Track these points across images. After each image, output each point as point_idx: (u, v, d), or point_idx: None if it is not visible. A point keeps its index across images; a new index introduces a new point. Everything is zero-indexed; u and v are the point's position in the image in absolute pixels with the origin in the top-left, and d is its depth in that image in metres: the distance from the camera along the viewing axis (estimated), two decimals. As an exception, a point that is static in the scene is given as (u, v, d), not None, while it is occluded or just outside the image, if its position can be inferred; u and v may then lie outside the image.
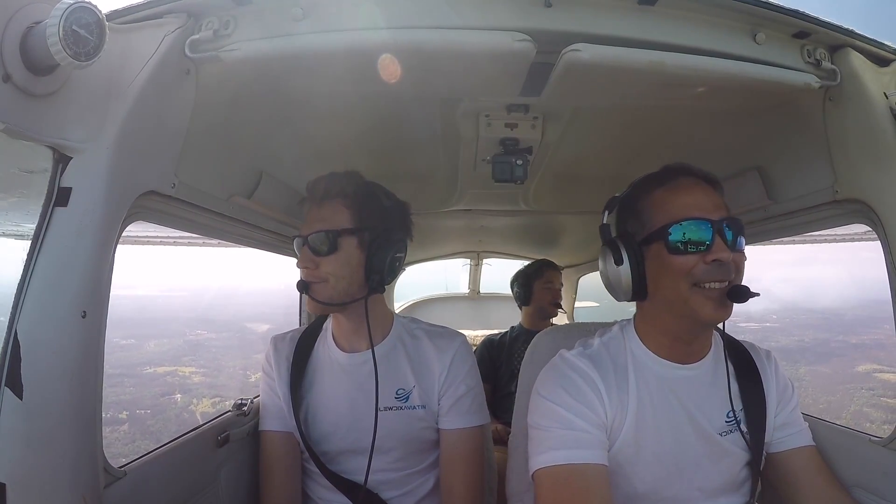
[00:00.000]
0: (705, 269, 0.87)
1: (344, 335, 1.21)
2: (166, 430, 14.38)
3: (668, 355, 0.97)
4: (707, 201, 0.91)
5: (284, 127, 1.27)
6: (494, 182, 1.40)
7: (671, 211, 0.91)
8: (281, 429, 1.20)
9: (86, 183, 0.76)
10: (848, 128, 0.97)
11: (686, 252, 0.88)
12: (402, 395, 1.18)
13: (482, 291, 4.22)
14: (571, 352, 1.00)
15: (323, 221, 1.11)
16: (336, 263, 1.10)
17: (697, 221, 0.88)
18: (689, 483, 0.95)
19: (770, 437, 1.01)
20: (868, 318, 20.07)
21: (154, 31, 0.83)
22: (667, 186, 0.94)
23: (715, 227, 0.88)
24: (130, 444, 12.95)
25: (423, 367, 1.20)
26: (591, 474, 0.88)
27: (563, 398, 0.93)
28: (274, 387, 1.21)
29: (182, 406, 16.04)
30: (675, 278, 0.89)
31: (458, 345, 1.23)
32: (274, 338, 1.28)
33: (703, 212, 0.89)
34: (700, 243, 0.88)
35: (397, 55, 0.88)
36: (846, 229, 1.27)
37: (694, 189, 0.93)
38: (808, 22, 0.90)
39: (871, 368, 16.68)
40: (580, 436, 0.90)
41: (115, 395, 14.99)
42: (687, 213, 0.89)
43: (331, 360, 1.21)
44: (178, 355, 18.81)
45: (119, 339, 17.00)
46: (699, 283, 0.88)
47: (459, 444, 1.19)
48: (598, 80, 0.94)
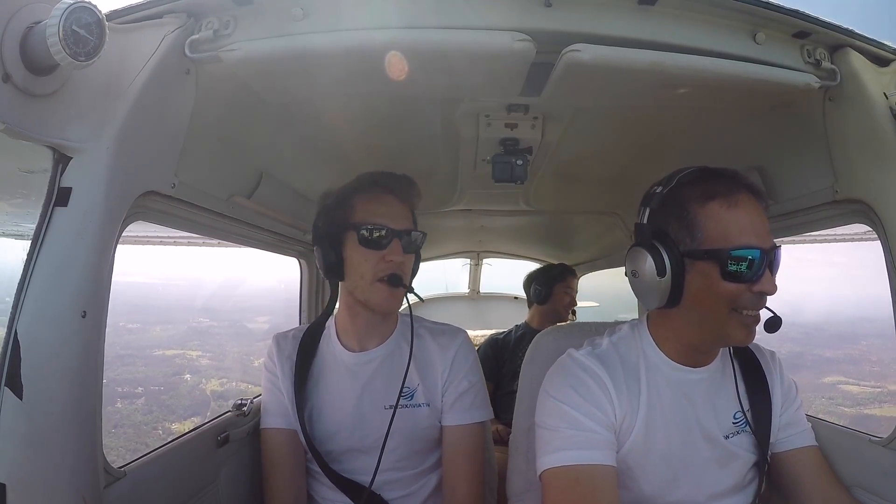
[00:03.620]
0: (750, 298, 0.85)
1: (355, 334, 1.21)
2: (180, 404, 14.97)
3: (681, 360, 0.96)
4: (761, 225, 0.87)
5: (284, 127, 1.27)
6: (494, 182, 1.40)
7: (729, 232, 0.85)
8: (284, 426, 1.19)
9: (86, 183, 0.76)
10: (848, 128, 0.97)
11: (737, 280, 0.84)
12: (407, 394, 1.18)
13: (482, 291, 4.22)
14: (580, 351, 0.99)
15: (408, 220, 1.17)
16: (410, 263, 1.17)
17: (753, 251, 0.84)
18: (696, 487, 0.95)
19: (774, 436, 1.01)
20: (849, 334, 21.09)
21: (154, 31, 0.83)
22: (724, 199, 0.87)
23: (766, 258, 0.85)
24: (148, 415, 13.73)
25: (426, 365, 1.21)
26: (599, 475, 0.87)
27: (572, 398, 0.92)
28: (277, 384, 1.21)
29: (192, 384, 16.64)
30: (719, 302, 0.86)
31: (460, 341, 1.25)
32: (276, 336, 1.28)
33: (759, 239, 0.85)
34: (752, 274, 0.84)
35: (397, 55, 0.88)
36: (846, 229, 1.27)
37: (751, 209, 0.87)
38: (808, 22, 0.90)
39: (835, 380, 17.69)
40: (589, 436, 0.89)
41: (129, 374, 15.70)
42: (745, 240, 0.84)
43: (335, 360, 1.21)
44: (184, 340, 19.31)
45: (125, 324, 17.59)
46: (738, 309, 0.86)
47: (462, 439, 1.19)
48: (597, 80, 0.94)
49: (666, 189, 0.92)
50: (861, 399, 16.91)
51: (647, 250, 0.89)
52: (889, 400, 16.78)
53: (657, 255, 0.88)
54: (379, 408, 1.17)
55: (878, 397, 16.99)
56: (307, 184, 1.58)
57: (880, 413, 15.90)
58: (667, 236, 0.89)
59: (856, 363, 18.88)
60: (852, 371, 18.28)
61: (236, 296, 23.98)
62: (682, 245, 0.88)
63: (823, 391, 17.16)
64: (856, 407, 16.16)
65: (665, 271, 0.87)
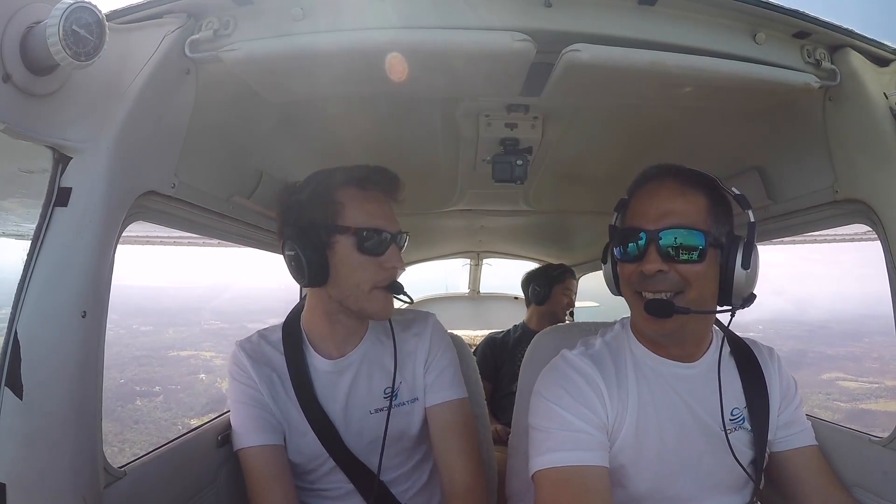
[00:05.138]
0: (640, 279, 0.90)
1: (333, 341, 1.13)
2: (197, 402, 15.46)
3: (664, 353, 0.97)
4: (659, 206, 0.90)
5: (284, 127, 1.27)
6: (494, 182, 1.40)
7: (629, 217, 0.94)
8: (269, 442, 1.07)
9: (86, 183, 0.76)
10: (848, 128, 0.97)
11: (625, 261, 0.93)
12: (390, 394, 1.15)
13: (482, 291, 4.22)
14: (573, 351, 1.00)
15: (396, 219, 1.09)
16: None
17: (635, 230, 0.90)
18: (692, 480, 0.95)
19: (773, 435, 1.01)
20: (853, 332, 21.50)
21: (154, 31, 0.83)
22: (641, 189, 0.96)
23: (649, 236, 0.88)
24: (168, 412, 14.33)
25: (404, 359, 1.17)
26: (590, 476, 0.88)
27: (563, 399, 0.93)
28: (255, 396, 1.08)
29: (209, 383, 17.20)
30: (624, 285, 0.95)
31: (431, 323, 1.24)
32: (240, 343, 1.14)
33: (645, 220, 0.90)
34: (633, 253, 0.90)
35: (397, 55, 0.88)
36: (846, 229, 1.27)
37: (657, 192, 0.92)
38: (808, 22, 0.90)
39: (834, 377, 18.08)
40: (580, 437, 0.90)
41: (146, 374, 16.19)
42: (632, 221, 0.93)
43: (313, 370, 1.13)
44: (197, 341, 19.69)
45: (138, 326, 17.96)
46: (638, 291, 0.91)
47: (449, 416, 1.17)
48: (597, 80, 0.94)
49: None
50: (858, 394, 17.48)
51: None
52: (885, 395, 17.28)
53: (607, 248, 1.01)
54: (365, 414, 1.13)
55: (874, 393, 17.57)
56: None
57: (876, 408, 16.57)
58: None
59: (857, 360, 19.45)
60: (852, 368, 18.75)
61: (245, 297, 24.26)
62: None
63: (822, 387, 17.52)
64: (852, 402, 16.69)
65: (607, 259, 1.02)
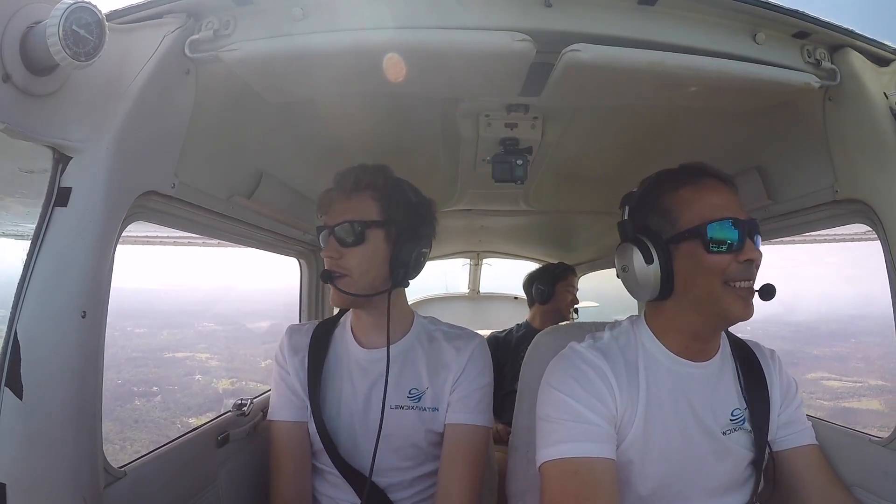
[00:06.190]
0: (738, 269, 0.88)
1: (364, 331, 1.21)
2: (194, 402, 15.72)
3: (681, 353, 0.97)
4: (733, 202, 0.92)
5: (284, 127, 1.27)
6: (494, 182, 1.40)
7: (703, 210, 0.90)
8: (291, 419, 1.18)
9: (86, 183, 0.76)
10: (848, 128, 0.97)
11: (720, 252, 0.89)
12: (415, 395, 1.17)
13: (482, 291, 4.22)
14: (582, 344, 1.00)
15: (351, 212, 1.11)
16: (362, 255, 1.11)
17: (727, 221, 0.89)
18: (693, 481, 0.95)
19: (774, 435, 1.01)
20: (840, 332, 21.89)
21: (154, 31, 0.83)
22: (693, 185, 0.93)
23: (745, 227, 0.89)
24: (166, 411, 14.52)
25: (438, 368, 1.19)
26: (599, 468, 0.87)
27: (574, 389, 0.92)
28: (287, 378, 1.20)
29: (205, 384, 17.48)
30: (709, 277, 0.89)
31: (475, 344, 1.24)
32: (290, 328, 1.27)
33: (733, 212, 0.90)
34: (734, 243, 0.89)
35: (397, 55, 0.88)
36: (846, 229, 1.27)
37: (720, 189, 0.93)
38: (808, 22, 0.90)
39: (819, 376, 18.49)
40: (590, 429, 0.89)
41: (143, 375, 16.49)
42: (720, 214, 0.90)
43: (348, 356, 1.21)
44: (192, 343, 19.93)
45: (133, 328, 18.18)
46: (730, 282, 0.89)
47: (463, 440, 1.17)
48: (597, 80, 0.94)
49: (642, 190, 0.99)
50: (840, 393, 17.87)
51: (633, 244, 0.94)
52: (868, 394, 17.63)
53: (643, 247, 0.93)
54: (385, 407, 1.15)
55: (857, 391, 17.97)
56: (307, 184, 1.58)
57: (857, 405, 16.90)
58: (648, 229, 0.95)
59: (842, 360, 19.84)
60: (837, 367, 19.16)
61: (239, 300, 24.39)
62: (664, 233, 0.93)
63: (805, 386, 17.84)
64: (834, 401, 17.12)
65: (652, 258, 0.92)
